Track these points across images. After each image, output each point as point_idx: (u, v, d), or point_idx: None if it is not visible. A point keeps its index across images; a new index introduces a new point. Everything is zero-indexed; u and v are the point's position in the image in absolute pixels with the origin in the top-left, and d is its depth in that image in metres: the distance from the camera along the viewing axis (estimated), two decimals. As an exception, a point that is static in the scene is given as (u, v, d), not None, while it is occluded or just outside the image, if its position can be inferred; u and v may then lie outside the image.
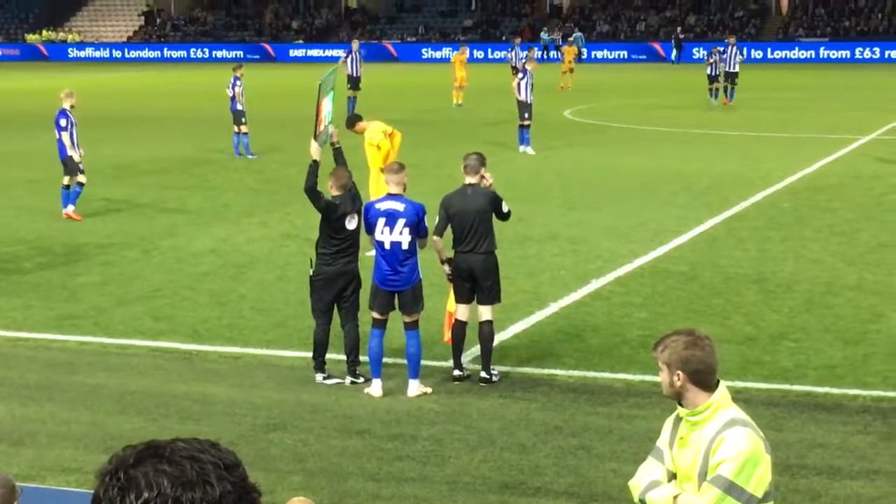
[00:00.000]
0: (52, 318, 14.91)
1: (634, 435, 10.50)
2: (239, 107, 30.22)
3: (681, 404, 5.62)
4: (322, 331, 12.31)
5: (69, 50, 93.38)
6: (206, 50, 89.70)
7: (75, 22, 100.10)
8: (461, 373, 12.28)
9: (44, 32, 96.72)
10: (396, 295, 11.98)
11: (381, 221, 11.85)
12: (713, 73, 44.60)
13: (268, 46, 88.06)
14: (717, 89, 44.57)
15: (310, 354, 12.48)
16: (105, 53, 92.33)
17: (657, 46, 79.72)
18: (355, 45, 42.11)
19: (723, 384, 5.60)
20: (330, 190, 12.39)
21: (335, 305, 12.36)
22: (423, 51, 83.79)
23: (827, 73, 63.52)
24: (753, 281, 16.36)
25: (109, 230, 20.74)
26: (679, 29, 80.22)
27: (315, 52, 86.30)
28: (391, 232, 11.83)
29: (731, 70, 44.14)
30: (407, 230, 11.81)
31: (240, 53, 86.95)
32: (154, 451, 2.32)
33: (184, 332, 14.21)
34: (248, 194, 24.65)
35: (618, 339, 13.67)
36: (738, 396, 10.98)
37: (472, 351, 12.71)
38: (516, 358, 13.00)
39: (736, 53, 44.28)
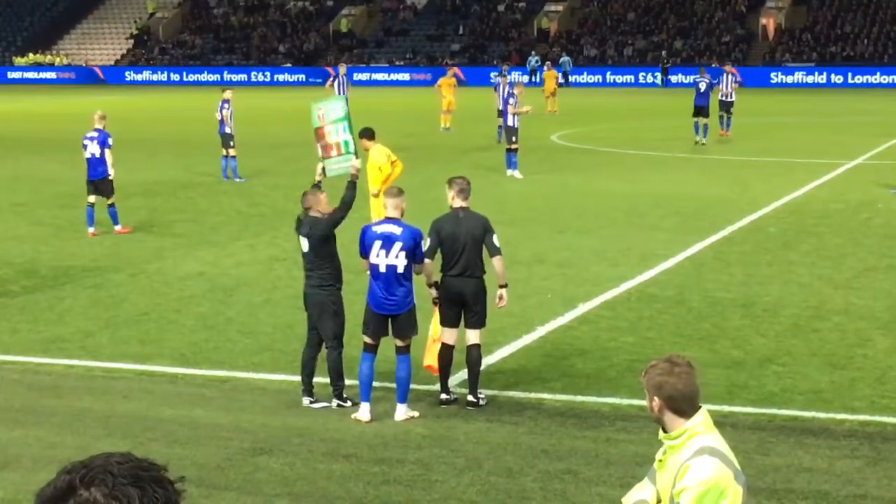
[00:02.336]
0: (39, 342, 14.87)
1: (621, 459, 10.50)
2: (227, 130, 30.22)
3: (663, 429, 5.70)
4: (306, 352, 12.33)
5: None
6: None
7: (63, 45, 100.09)
8: (448, 397, 12.27)
9: (30, 55, 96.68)
10: (390, 319, 11.96)
11: (378, 244, 11.82)
12: (702, 102, 39.13)
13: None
14: (705, 124, 39.20)
15: (296, 378, 12.48)
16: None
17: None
18: (342, 68, 42.29)
19: (703, 411, 5.63)
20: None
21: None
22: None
23: (813, 98, 63.78)
24: (740, 305, 16.38)
25: (96, 253, 20.71)
26: (665, 53, 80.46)
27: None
28: (387, 255, 11.80)
29: (728, 99, 41.16)
30: (403, 254, 11.78)
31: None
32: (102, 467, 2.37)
33: (170, 355, 14.17)
34: (235, 217, 24.64)
35: (605, 363, 13.67)
36: (725, 421, 11.03)
37: (459, 375, 12.70)
38: (503, 382, 12.99)
39: (731, 81, 41.41)
